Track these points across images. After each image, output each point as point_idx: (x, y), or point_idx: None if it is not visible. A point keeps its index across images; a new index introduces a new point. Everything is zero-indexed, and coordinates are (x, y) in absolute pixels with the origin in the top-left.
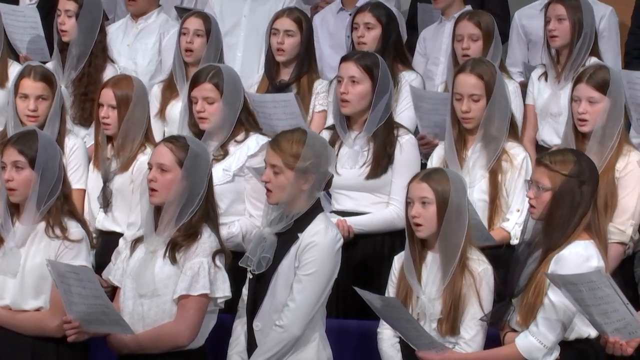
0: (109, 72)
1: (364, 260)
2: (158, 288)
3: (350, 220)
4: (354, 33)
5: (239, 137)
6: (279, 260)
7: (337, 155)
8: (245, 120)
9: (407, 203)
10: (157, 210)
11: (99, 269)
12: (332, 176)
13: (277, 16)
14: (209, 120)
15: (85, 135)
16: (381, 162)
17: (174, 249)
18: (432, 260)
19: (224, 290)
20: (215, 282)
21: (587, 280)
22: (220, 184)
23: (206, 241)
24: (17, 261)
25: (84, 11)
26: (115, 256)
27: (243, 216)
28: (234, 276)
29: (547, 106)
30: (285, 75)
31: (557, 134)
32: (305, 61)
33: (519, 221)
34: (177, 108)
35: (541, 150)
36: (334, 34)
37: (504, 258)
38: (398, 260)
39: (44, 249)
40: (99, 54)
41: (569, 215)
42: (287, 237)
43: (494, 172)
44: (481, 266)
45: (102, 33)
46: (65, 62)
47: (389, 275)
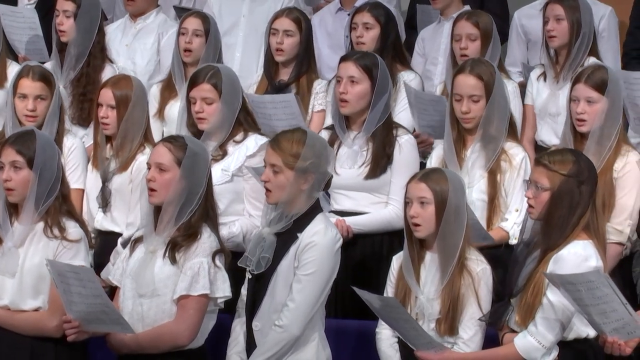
0: (107, 72)
1: (362, 260)
2: (158, 288)
3: (349, 220)
4: (352, 33)
5: (238, 137)
6: (279, 260)
7: (336, 155)
8: (243, 120)
9: (406, 203)
10: (157, 210)
11: (97, 268)
12: (331, 176)
13: (276, 16)
14: (207, 121)
15: (84, 135)
16: (380, 162)
17: (173, 249)
18: (430, 261)
19: (224, 290)
20: (215, 282)
21: (586, 280)
22: (219, 184)
23: (206, 241)
24: (15, 261)
25: (82, 11)
26: (114, 256)
27: (243, 216)
28: (233, 276)
29: (545, 106)
30: (285, 75)
31: (556, 134)
32: (305, 61)
33: (517, 221)
34: (175, 108)
35: (540, 151)
36: (332, 34)
37: (502, 258)
38: (397, 260)
39: (42, 249)
40: (98, 54)
41: (567, 215)
42: (287, 237)
43: (493, 172)
44: (480, 266)
45: (100, 33)
46: (63, 62)
47: (387, 275)
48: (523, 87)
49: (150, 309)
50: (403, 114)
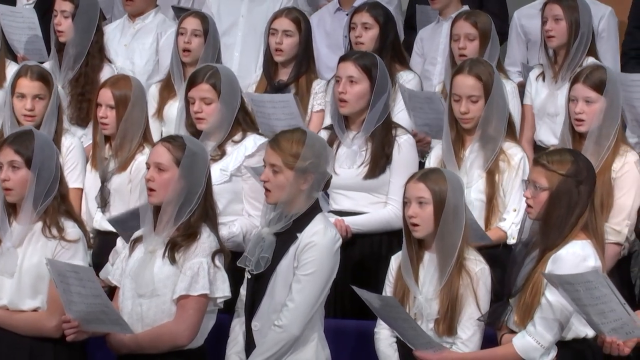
0: (106, 72)
1: (361, 260)
2: (157, 288)
3: (348, 220)
4: (351, 33)
5: (236, 137)
6: (278, 260)
7: (335, 155)
8: (242, 120)
9: (404, 203)
10: (156, 210)
11: (96, 268)
12: (331, 176)
13: (275, 16)
14: (206, 121)
15: (82, 135)
16: (379, 162)
17: (173, 249)
18: (429, 261)
19: (223, 290)
20: (215, 282)
21: (584, 280)
22: (217, 184)
23: (205, 241)
24: (14, 261)
25: (80, 11)
26: (112, 256)
27: (241, 216)
28: (232, 276)
29: (544, 106)
30: (284, 75)
31: (554, 134)
32: (304, 61)
33: (515, 221)
34: (174, 108)
35: (539, 150)
36: (330, 34)
37: (500, 258)
38: (395, 260)
39: (40, 249)
40: (96, 54)
41: (566, 215)
42: (286, 237)
43: (491, 172)
44: (478, 266)
45: (98, 33)
46: (62, 62)
47: (386, 275)
48: (523, 87)
49: (150, 309)
50: (402, 113)
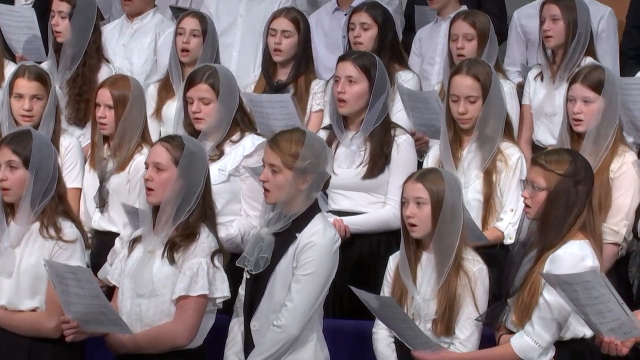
0: (103, 72)
1: (360, 260)
2: (156, 288)
3: (346, 220)
4: (350, 33)
5: (235, 137)
6: (277, 260)
7: (334, 155)
8: (240, 120)
9: (402, 203)
10: (155, 210)
11: (94, 268)
12: (329, 177)
13: (274, 16)
14: (204, 121)
15: (80, 135)
16: (378, 162)
17: (172, 249)
18: (427, 261)
19: (222, 290)
20: (214, 282)
21: (582, 280)
22: (215, 184)
23: (204, 241)
24: (12, 261)
25: (77, 12)
26: (111, 256)
27: (239, 216)
28: (231, 276)
29: (541, 106)
30: (283, 75)
31: (552, 134)
32: (303, 61)
33: (512, 221)
34: (173, 108)
35: (537, 151)
36: (329, 34)
37: (497, 258)
38: (393, 260)
39: (38, 250)
40: (93, 54)
41: (564, 215)
42: (285, 237)
43: (489, 172)
44: (476, 266)
45: (96, 33)
46: (59, 63)
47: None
48: (522, 87)
49: (149, 309)
50: (401, 113)
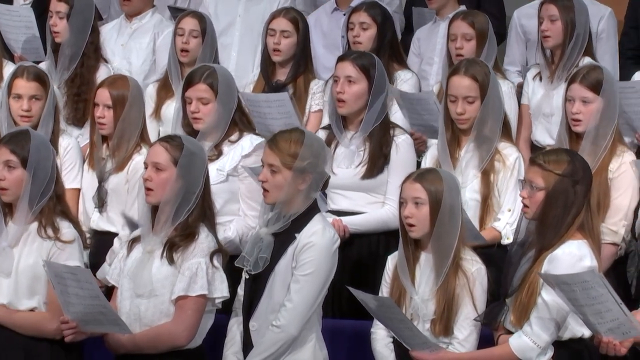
0: (102, 72)
1: (359, 260)
2: (155, 288)
3: (345, 220)
4: (349, 33)
5: (233, 137)
6: (276, 261)
7: (333, 155)
8: (239, 120)
9: (400, 203)
10: (154, 210)
11: (93, 268)
12: (329, 177)
13: (273, 16)
14: (203, 121)
15: (79, 135)
16: (377, 162)
17: (171, 249)
18: (425, 261)
19: (221, 290)
20: (213, 282)
21: (581, 280)
22: (214, 184)
23: (204, 241)
24: (10, 261)
25: (75, 12)
26: (110, 256)
27: (237, 216)
28: (230, 276)
29: (539, 106)
30: (282, 75)
31: (550, 134)
32: (302, 61)
33: (509, 221)
34: (172, 108)
35: (535, 151)
36: (327, 34)
37: (494, 258)
38: (392, 260)
39: (36, 250)
40: (92, 54)
41: (562, 215)
42: (285, 238)
43: (486, 172)
44: (474, 266)
45: (94, 33)
46: (57, 63)
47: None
48: (522, 87)
49: (148, 309)
50: (400, 113)
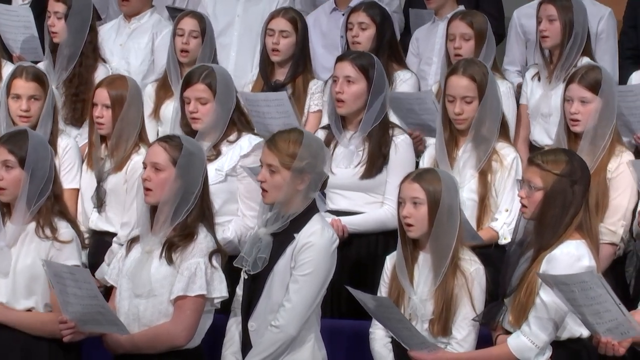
0: (100, 72)
1: (358, 260)
2: (154, 288)
3: (344, 219)
4: (348, 33)
5: (232, 137)
6: (275, 261)
7: (332, 154)
8: (237, 120)
9: (399, 203)
10: (153, 210)
11: (92, 269)
12: (327, 177)
13: (272, 16)
14: (201, 121)
15: (77, 135)
16: (376, 162)
17: (170, 249)
18: (423, 261)
19: (220, 290)
20: (212, 282)
21: (579, 280)
22: (213, 184)
23: (202, 241)
24: (8, 261)
25: (73, 12)
26: (108, 256)
27: (235, 217)
28: (229, 276)
29: (538, 106)
30: (281, 75)
31: (548, 134)
32: (301, 61)
33: (507, 221)
34: (171, 108)
35: (533, 151)
36: (326, 34)
37: (492, 258)
38: (390, 260)
39: (34, 250)
40: (90, 54)
41: (560, 215)
42: (283, 238)
43: (484, 172)
44: (473, 266)
45: (92, 33)
46: (56, 63)
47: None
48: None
49: (147, 309)
50: None
